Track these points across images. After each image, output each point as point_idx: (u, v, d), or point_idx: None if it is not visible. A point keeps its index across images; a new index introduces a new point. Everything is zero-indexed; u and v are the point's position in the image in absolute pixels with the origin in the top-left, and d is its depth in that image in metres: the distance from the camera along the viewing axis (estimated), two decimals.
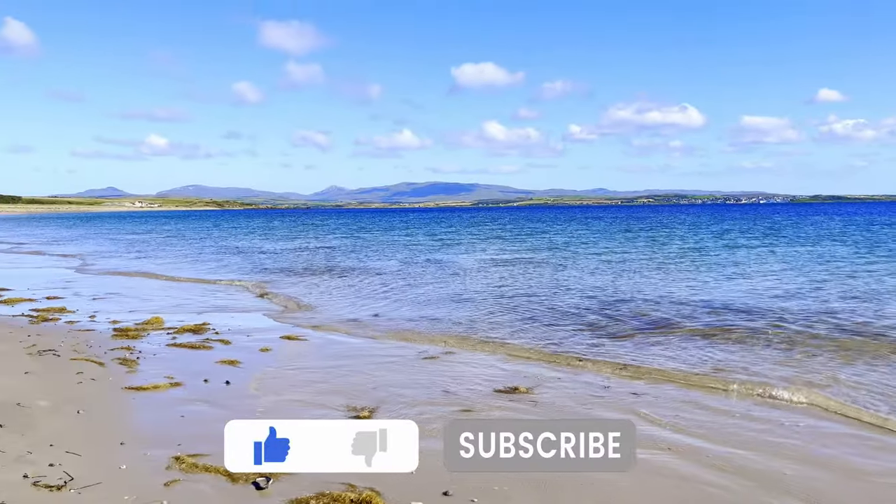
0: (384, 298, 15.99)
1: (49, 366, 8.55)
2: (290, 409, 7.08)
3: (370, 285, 18.69)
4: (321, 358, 9.70)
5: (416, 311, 14.05)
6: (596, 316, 13.19)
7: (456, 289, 17.70)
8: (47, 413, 6.56)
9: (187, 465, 5.34)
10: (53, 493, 4.71)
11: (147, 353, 9.67)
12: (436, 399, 7.60)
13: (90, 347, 9.82)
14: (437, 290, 17.35)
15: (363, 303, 15.29)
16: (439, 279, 20.09)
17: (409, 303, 15.21)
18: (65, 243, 41.76)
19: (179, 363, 9.12)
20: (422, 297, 16.19)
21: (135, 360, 9.13)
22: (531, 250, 32.65)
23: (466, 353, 10.14)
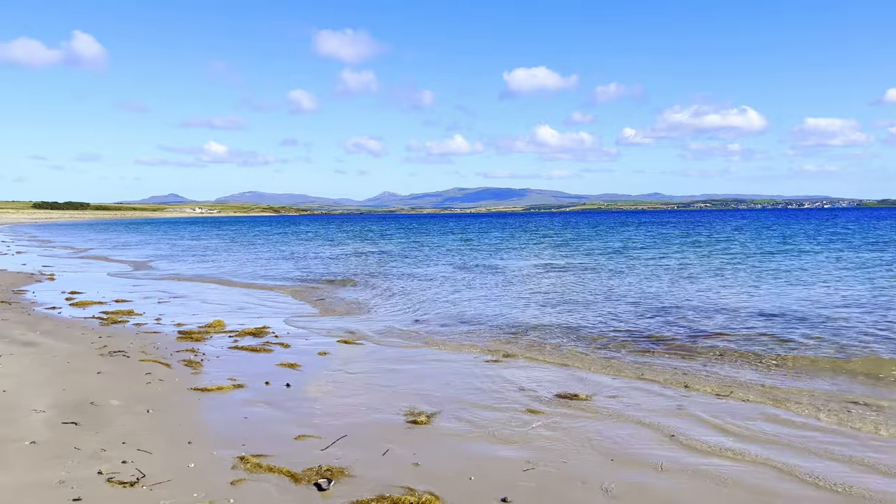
0: (437, 303, 16.05)
1: (120, 366, 8.88)
2: (349, 413, 7.18)
3: (423, 290, 18.79)
4: (377, 362, 9.80)
5: (469, 316, 14.05)
6: (650, 323, 12.95)
7: (509, 294, 17.63)
8: (119, 412, 6.82)
9: (252, 465, 5.47)
10: (126, 490, 4.89)
11: (210, 355, 9.94)
12: (496, 404, 7.58)
13: (157, 349, 10.16)
14: (489, 296, 17.33)
15: (416, 308, 15.38)
16: (492, 285, 20.05)
17: (462, 308, 15.23)
18: (130, 248, 43.32)
19: (241, 365, 9.35)
20: (475, 302, 16.19)
21: (199, 361, 9.40)
22: (585, 255, 32.28)
23: (522, 358, 10.09)
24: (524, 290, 18.52)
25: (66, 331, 11.52)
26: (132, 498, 4.77)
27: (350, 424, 6.77)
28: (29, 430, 6.05)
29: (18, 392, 7.31)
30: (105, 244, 49.34)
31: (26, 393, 7.30)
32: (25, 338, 10.63)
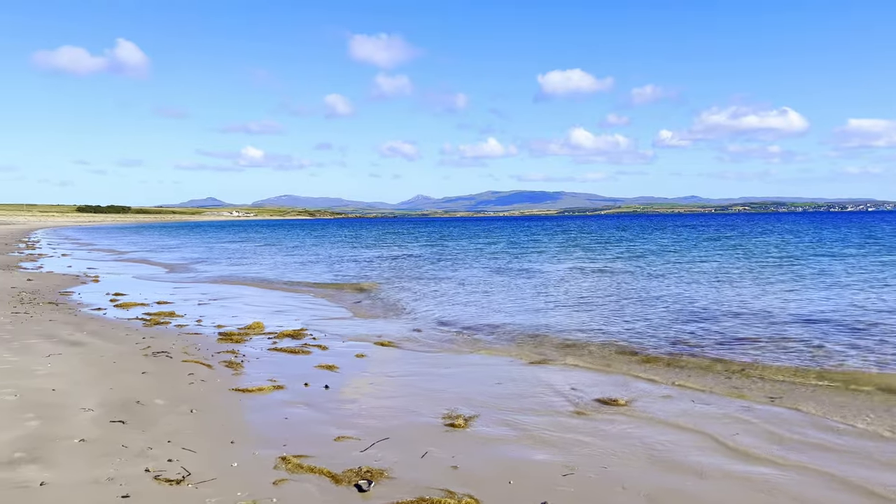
0: (471, 307, 16.05)
1: (163, 366, 9.07)
2: (387, 415, 7.22)
3: (457, 294, 18.81)
4: (413, 364, 9.84)
5: (504, 319, 14.02)
6: (690, 328, 12.76)
7: (544, 298, 17.55)
8: (164, 411, 6.97)
9: (293, 466, 5.54)
10: (173, 487, 5.00)
11: (251, 356, 10.10)
12: (535, 408, 7.56)
13: (199, 350, 10.36)
14: (524, 299, 17.27)
15: (451, 311, 15.40)
16: (527, 288, 19.98)
17: (497, 311, 15.20)
18: (170, 251, 44.22)
19: (280, 367, 9.47)
20: (509, 305, 16.16)
21: (240, 363, 9.56)
22: (620, 259, 31.96)
23: (558, 363, 10.04)
24: (559, 294, 18.41)
25: (112, 331, 11.81)
26: (179, 496, 4.87)
27: (388, 426, 6.81)
28: (78, 428, 6.22)
29: (68, 391, 7.52)
30: (146, 247, 50.46)
31: (75, 392, 7.51)
32: (73, 338, 10.93)
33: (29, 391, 7.41)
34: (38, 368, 8.57)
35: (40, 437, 5.91)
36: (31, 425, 6.24)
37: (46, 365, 8.78)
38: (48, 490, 4.82)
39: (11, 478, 5.01)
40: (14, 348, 9.83)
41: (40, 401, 7.05)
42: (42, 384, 7.77)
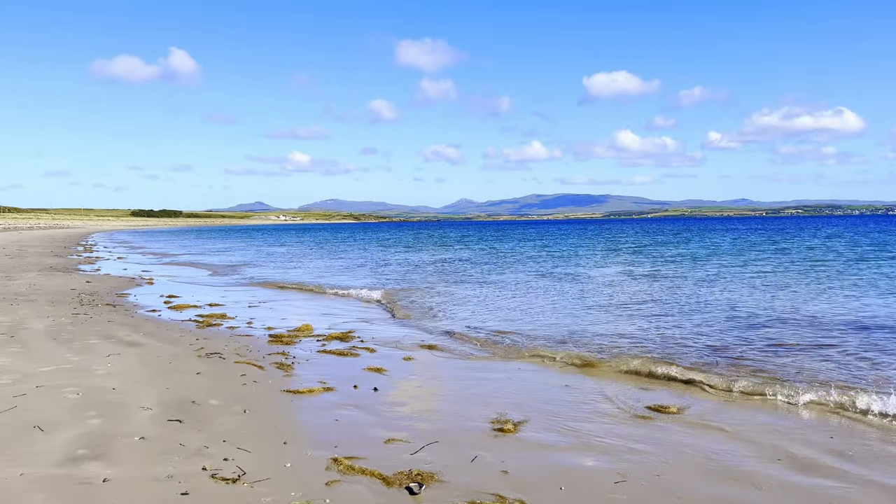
0: (517, 311, 15.98)
1: (216, 367, 9.28)
2: (435, 419, 7.25)
3: (501, 298, 18.75)
4: (460, 369, 9.85)
5: (550, 324, 13.91)
6: (743, 334, 12.45)
7: (589, 303, 17.36)
8: (218, 411, 7.13)
9: (345, 467, 5.60)
10: (229, 486, 5.10)
11: (300, 358, 10.26)
12: (584, 414, 7.49)
13: (250, 352, 10.57)
14: (569, 304, 17.11)
15: (496, 315, 15.35)
16: (572, 293, 19.80)
17: (543, 317, 15.10)
18: (220, 254, 45.23)
19: (330, 369, 9.60)
20: (556, 310, 16.03)
21: (290, 364, 9.71)
22: (668, 263, 31.40)
23: (605, 368, 9.91)
24: (606, 298, 18.20)
25: (166, 332, 12.14)
26: (235, 494, 4.98)
27: (437, 430, 6.83)
28: (138, 427, 6.41)
29: (127, 390, 7.76)
30: (197, 250, 51.72)
31: (134, 391, 7.73)
32: (130, 338, 11.27)
33: (91, 390, 7.66)
34: (98, 368, 8.86)
35: (102, 435, 6.11)
36: (93, 423, 6.45)
37: (106, 365, 9.07)
38: (111, 486, 4.97)
39: (76, 474, 5.19)
40: (76, 348, 10.19)
41: (101, 399, 7.29)
42: (103, 383, 8.02)
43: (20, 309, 14.31)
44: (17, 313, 13.63)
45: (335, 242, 68.91)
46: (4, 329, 11.62)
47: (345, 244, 63.71)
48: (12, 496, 4.73)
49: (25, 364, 8.91)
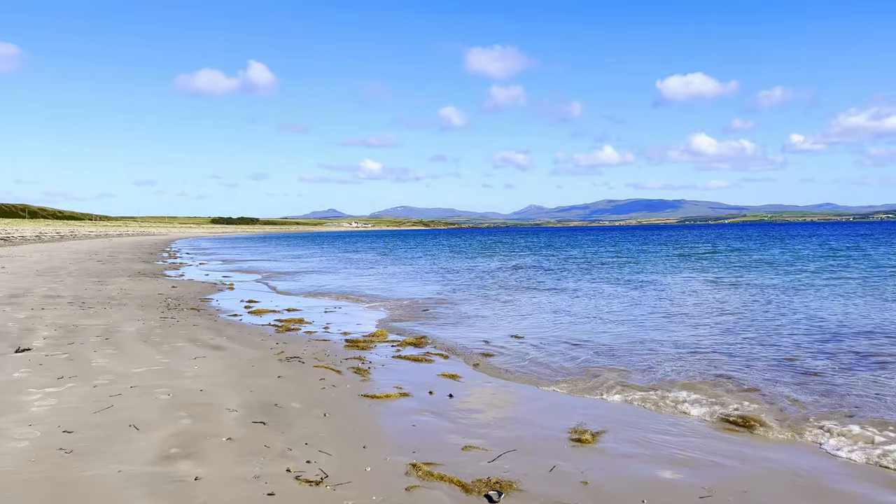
0: (589, 320, 15.73)
1: (296, 371, 9.54)
2: (512, 427, 7.22)
3: (573, 306, 18.51)
4: (535, 376, 9.77)
5: (624, 334, 13.64)
6: (834, 347, 11.86)
7: (664, 311, 16.93)
8: (300, 414, 7.32)
9: (423, 473, 5.65)
10: (312, 488, 5.23)
11: (376, 363, 10.42)
12: (664, 426, 7.30)
13: (328, 356, 10.81)
14: (643, 313, 16.73)
15: (566, 320, 15.16)
16: (645, 301, 19.35)
17: (616, 325, 14.82)
18: (296, 260, 46.48)
19: (405, 374, 9.70)
20: (630, 319, 15.70)
21: (366, 369, 9.87)
22: (748, 270, 30.28)
23: (683, 378, 9.63)
24: (682, 307, 17.70)
25: (248, 336, 12.56)
26: (318, 496, 5.09)
27: (514, 438, 6.81)
28: (225, 428, 6.66)
29: (213, 392, 8.07)
30: (274, 256, 53.31)
31: (220, 393, 8.03)
32: (214, 342, 11.71)
33: (180, 391, 8.01)
34: (186, 370, 9.25)
35: (192, 435, 6.37)
36: (183, 423, 6.74)
37: (193, 367, 9.46)
38: (202, 485, 5.18)
39: (169, 472, 5.42)
40: (165, 351, 10.67)
41: (190, 400, 7.60)
42: (190, 385, 8.37)
43: (113, 313, 15.09)
44: (110, 317, 14.38)
45: (406, 248, 69.67)
46: (100, 332, 12.28)
47: (415, 250, 64.34)
48: (112, 492, 4.99)
49: (120, 365, 9.39)
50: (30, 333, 11.81)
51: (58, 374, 8.68)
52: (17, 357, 9.69)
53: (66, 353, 10.14)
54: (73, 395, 7.62)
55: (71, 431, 6.30)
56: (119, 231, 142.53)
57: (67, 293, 18.93)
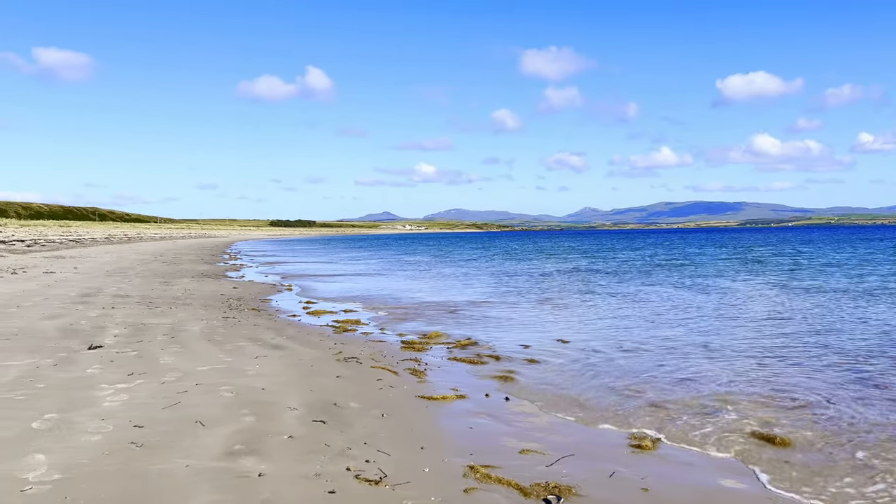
0: (647, 326, 15.44)
1: (354, 371, 9.67)
2: (569, 430, 7.16)
3: (630, 309, 18.21)
4: (593, 379, 9.64)
5: (684, 340, 13.34)
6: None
7: (730, 316, 16.48)
8: (358, 414, 7.42)
9: (481, 475, 5.65)
10: (372, 487, 5.30)
11: (432, 365, 10.48)
12: (741, 428, 7.13)
13: (384, 357, 10.92)
14: (706, 317, 16.32)
15: (623, 324, 14.91)
16: (707, 305, 18.87)
17: (674, 329, 14.50)
18: (352, 262, 47.13)
19: (460, 376, 9.73)
20: (681, 324, 15.35)
21: (423, 371, 9.94)
22: (823, 276, 29.20)
23: (742, 384, 9.35)
24: (749, 313, 17.21)
25: (307, 337, 12.80)
26: (378, 496, 5.16)
27: (571, 442, 6.75)
28: (286, 426, 6.80)
29: (274, 391, 8.25)
30: (331, 258, 54.17)
31: (281, 391, 8.21)
32: (275, 342, 11.98)
33: (243, 389, 8.22)
34: (248, 369, 9.49)
35: (255, 432, 6.54)
36: (246, 420, 6.92)
37: (255, 366, 9.70)
38: (266, 481, 5.31)
39: (234, 468, 5.58)
40: (227, 350, 10.97)
41: (253, 398, 7.80)
42: (252, 383, 8.58)
43: (178, 312, 15.60)
44: (175, 316, 14.88)
45: (459, 251, 69.81)
46: (166, 330, 12.72)
47: (468, 253, 64.39)
48: (181, 486, 5.16)
49: (185, 363, 9.70)
50: (101, 331, 12.31)
51: (128, 370, 9.02)
52: (90, 354, 10.12)
53: (136, 350, 10.54)
54: (143, 392, 7.92)
55: (141, 426, 6.54)
56: (182, 233, 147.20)
57: (135, 293, 19.67)
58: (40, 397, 7.48)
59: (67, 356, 9.84)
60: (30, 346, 10.56)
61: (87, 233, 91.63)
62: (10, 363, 9.18)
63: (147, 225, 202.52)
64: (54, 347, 10.49)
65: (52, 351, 10.18)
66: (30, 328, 12.29)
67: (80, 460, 5.58)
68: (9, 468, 5.32)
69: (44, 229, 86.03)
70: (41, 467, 5.38)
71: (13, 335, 11.45)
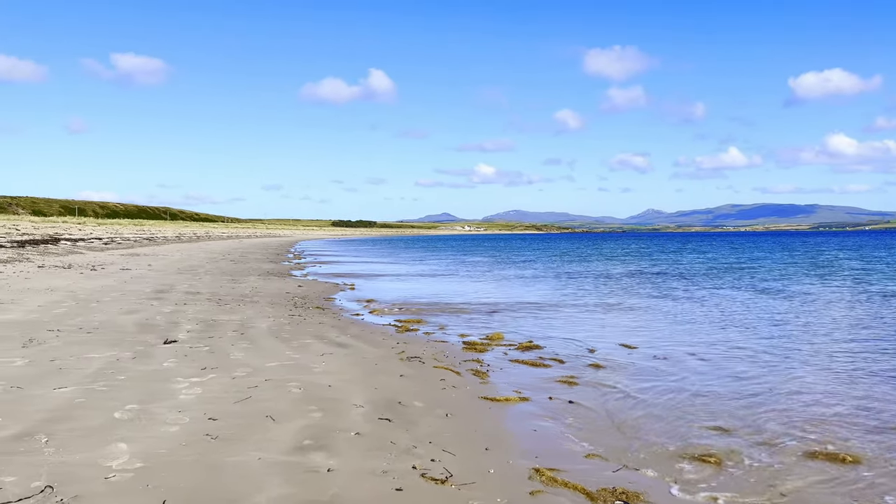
0: (717, 329, 15.03)
1: (417, 371, 9.77)
2: (634, 436, 7.05)
3: (698, 313, 17.75)
4: (656, 382, 9.45)
5: (743, 346, 12.92)
6: None
7: (814, 324, 15.88)
8: (422, 413, 7.49)
9: (547, 479, 5.63)
10: (438, 486, 5.35)
11: (494, 366, 10.48)
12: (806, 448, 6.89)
13: (446, 357, 10.99)
14: (772, 326, 15.76)
15: (691, 329, 14.55)
16: (773, 311, 18.21)
17: (735, 333, 14.07)
18: (415, 263, 47.53)
19: (522, 378, 9.71)
20: (748, 329, 14.86)
21: (485, 372, 9.96)
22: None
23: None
24: (833, 320, 16.55)
25: (370, 335, 13.00)
26: (444, 495, 5.20)
27: (637, 448, 6.64)
28: (353, 423, 6.93)
29: (340, 388, 8.41)
30: (393, 258, 54.78)
31: (346, 389, 8.37)
32: (339, 340, 12.21)
33: (310, 386, 8.41)
34: (314, 366, 9.70)
35: (323, 428, 6.68)
36: (314, 416, 7.07)
37: (321, 363, 9.91)
38: (335, 476, 5.42)
39: (304, 462, 5.72)
40: (294, 347, 11.24)
41: (319, 395, 7.97)
42: (319, 380, 8.77)
43: (246, 309, 16.07)
44: (244, 313, 15.33)
45: (519, 253, 69.51)
46: (235, 327, 13.12)
47: (528, 255, 64.01)
48: (254, 477, 5.33)
49: (255, 359, 9.99)
50: (175, 326, 12.80)
51: (201, 364, 9.36)
52: (165, 348, 10.54)
53: (207, 345, 10.91)
54: (216, 386, 8.19)
55: (215, 419, 6.78)
56: (248, 232, 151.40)
57: (205, 290, 20.35)
58: (121, 388, 7.83)
59: (145, 350, 10.27)
60: (110, 339, 11.07)
61: (159, 231, 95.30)
62: (93, 355, 9.65)
63: (215, 224, 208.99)
64: (132, 341, 10.97)
65: (131, 344, 10.65)
66: (109, 322, 12.88)
67: (160, 450, 5.82)
68: (94, 456, 5.60)
69: (119, 228, 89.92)
70: (123, 455, 5.64)
71: (95, 329, 12.03)
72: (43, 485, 4.94)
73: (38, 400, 7.18)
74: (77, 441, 5.92)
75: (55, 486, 4.93)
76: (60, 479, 5.04)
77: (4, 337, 10.78)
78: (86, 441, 5.94)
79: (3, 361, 8.98)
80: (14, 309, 13.90)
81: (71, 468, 5.28)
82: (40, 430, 6.17)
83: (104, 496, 4.83)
